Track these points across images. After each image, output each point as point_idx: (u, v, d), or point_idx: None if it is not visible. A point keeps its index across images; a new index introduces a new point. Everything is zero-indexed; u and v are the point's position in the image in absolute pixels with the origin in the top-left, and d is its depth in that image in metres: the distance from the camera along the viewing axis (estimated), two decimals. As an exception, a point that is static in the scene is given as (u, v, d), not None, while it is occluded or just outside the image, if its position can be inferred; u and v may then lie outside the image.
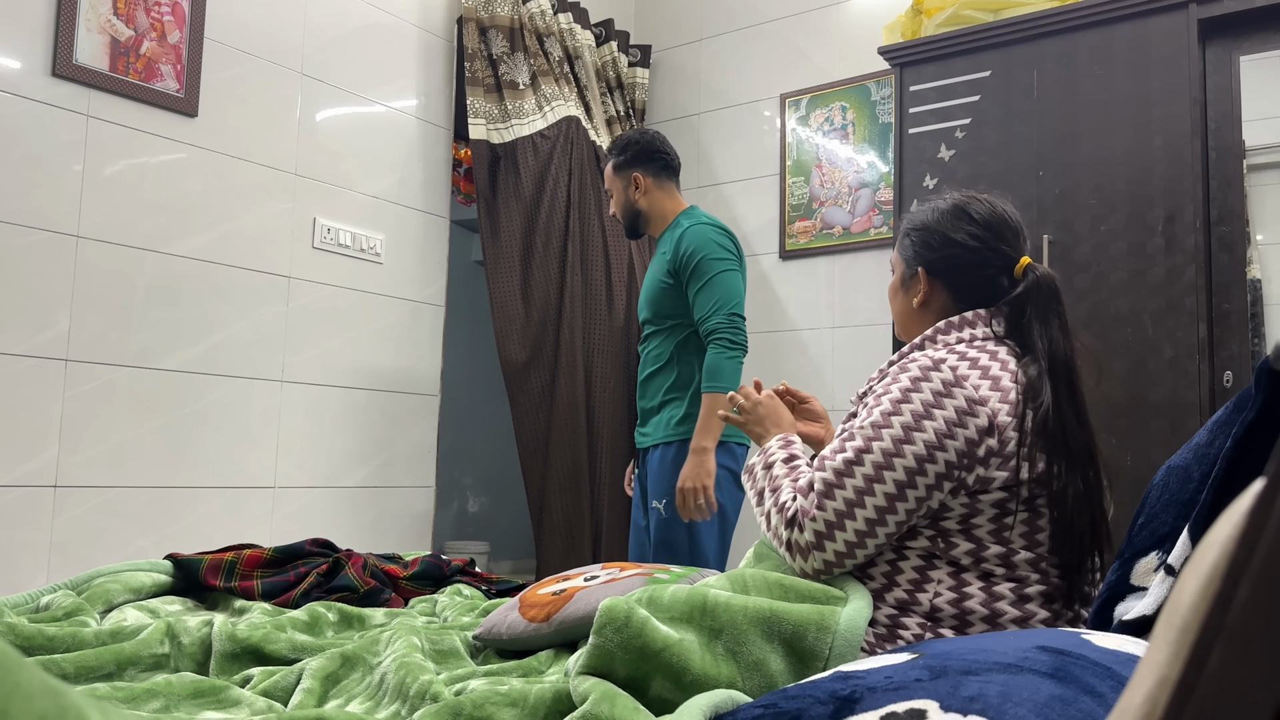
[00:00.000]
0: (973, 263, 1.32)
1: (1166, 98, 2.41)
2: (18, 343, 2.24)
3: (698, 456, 2.26)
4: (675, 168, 2.58)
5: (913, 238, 1.38)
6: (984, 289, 1.32)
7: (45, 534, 2.26)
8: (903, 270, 1.40)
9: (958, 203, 1.36)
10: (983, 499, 1.18)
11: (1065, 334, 1.26)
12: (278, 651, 1.30)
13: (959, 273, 1.33)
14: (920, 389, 1.19)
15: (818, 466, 1.22)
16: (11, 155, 2.24)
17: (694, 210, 2.53)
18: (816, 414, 1.62)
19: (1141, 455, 2.34)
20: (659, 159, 2.53)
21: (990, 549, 1.18)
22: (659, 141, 2.56)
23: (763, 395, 1.48)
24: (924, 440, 1.16)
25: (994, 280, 1.31)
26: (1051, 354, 1.23)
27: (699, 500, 2.25)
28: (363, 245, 2.99)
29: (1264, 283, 2.42)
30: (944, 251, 1.33)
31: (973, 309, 1.31)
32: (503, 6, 3.33)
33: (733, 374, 2.27)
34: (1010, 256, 1.32)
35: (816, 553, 1.18)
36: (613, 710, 0.90)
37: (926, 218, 1.38)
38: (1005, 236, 1.32)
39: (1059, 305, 1.28)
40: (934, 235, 1.35)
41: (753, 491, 1.31)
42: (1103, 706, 0.70)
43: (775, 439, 1.37)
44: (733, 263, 2.37)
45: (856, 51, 3.41)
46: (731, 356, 2.27)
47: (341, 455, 2.90)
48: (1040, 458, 1.18)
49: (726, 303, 2.31)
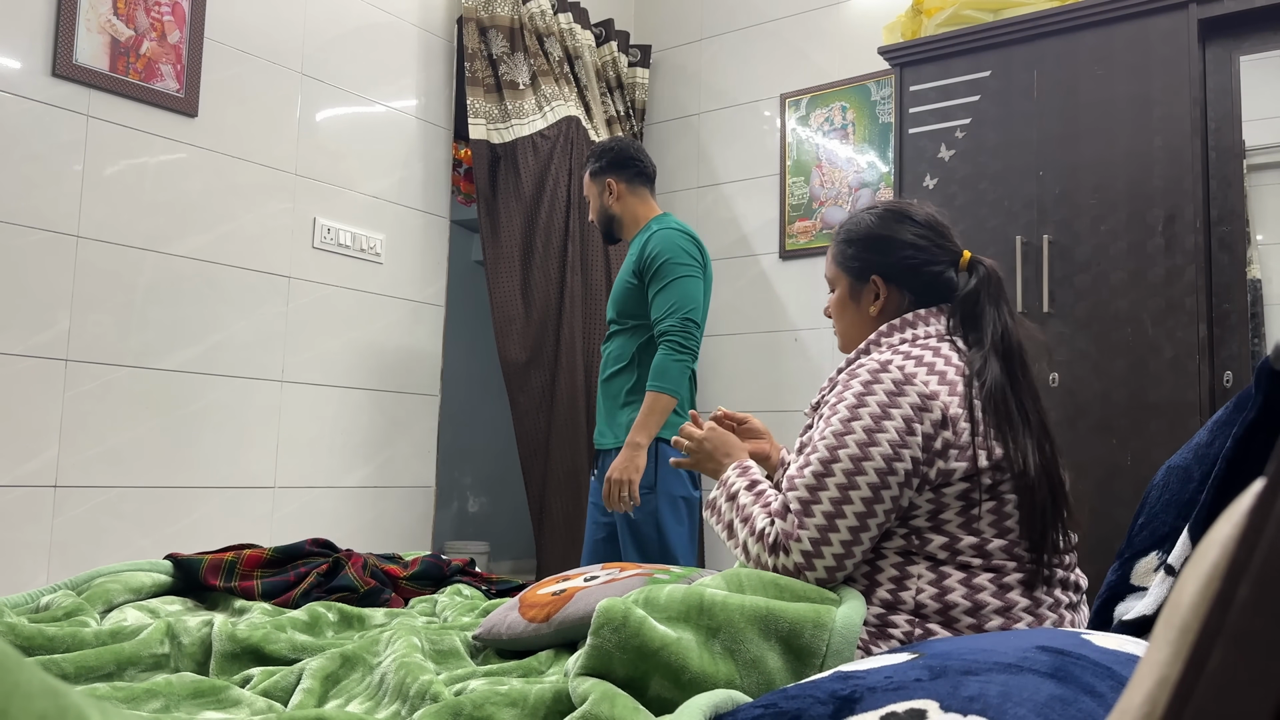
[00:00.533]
0: (925, 260, 1.35)
1: (1166, 98, 2.41)
2: (18, 343, 2.24)
3: (630, 450, 2.31)
4: (649, 174, 2.62)
5: (856, 248, 1.40)
6: (940, 285, 1.35)
7: (45, 534, 2.27)
8: (849, 283, 1.41)
9: (893, 207, 1.40)
10: (947, 492, 1.20)
11: (1014, 319, 1.31)
12: (278, 651, 1.30)
13: (914, 273, 1.36)
14: (873, 391, 1.21)
15: (788, 487, 1.23)
16: (11, 155, 2.24)
17: (666, 216, 2.57)
18: (758, 431, 1.61)
19: (1141, 455, 2.34)
20: (632, 165, 2.57)
21: (963, 540, 1.19)
22: (632, 149, 2.60)
23: (705, 429, 1.47)
24: (887, 440, 1.18)
25: (945, 275, 1.35)
26: (1005, 338, 1.28)
27: (623, 493, 2.29)
28: (363, 245, 2.99)
29: (1264, 283, 2.42)
30: (896, 255, 1.36)
31: (933, 306, 1.34)
32: (503, 6, 3.33)
33: (678, 377, 2.32)
34: (954, 251, 1.37)
35: (808, 573, 1.19)
36: (612, 710, 0.90)
37: (868, 226, 1.40)
38: (944, 233, 1.38)
39: (1005, 293, 1.34)
40: (881, 241, 1.38)
41: (720, 525, 1.31)
42: (1103, 706, 0.70)
43: (731, 469, 1.37)
44: (694, 269, 2.40)
45: (856, 51, 3.41)
46: (678, 360, 2.32)
47: (341, 455, 2.90)
48: (996, 443, 1.20)
49: (682, 307, 2.35)
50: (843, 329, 1.44)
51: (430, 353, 3.20)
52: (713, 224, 3.73)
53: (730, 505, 1.30)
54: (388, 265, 3.06)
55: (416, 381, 3.15)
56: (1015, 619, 1.17)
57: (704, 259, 2.46)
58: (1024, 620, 1.18)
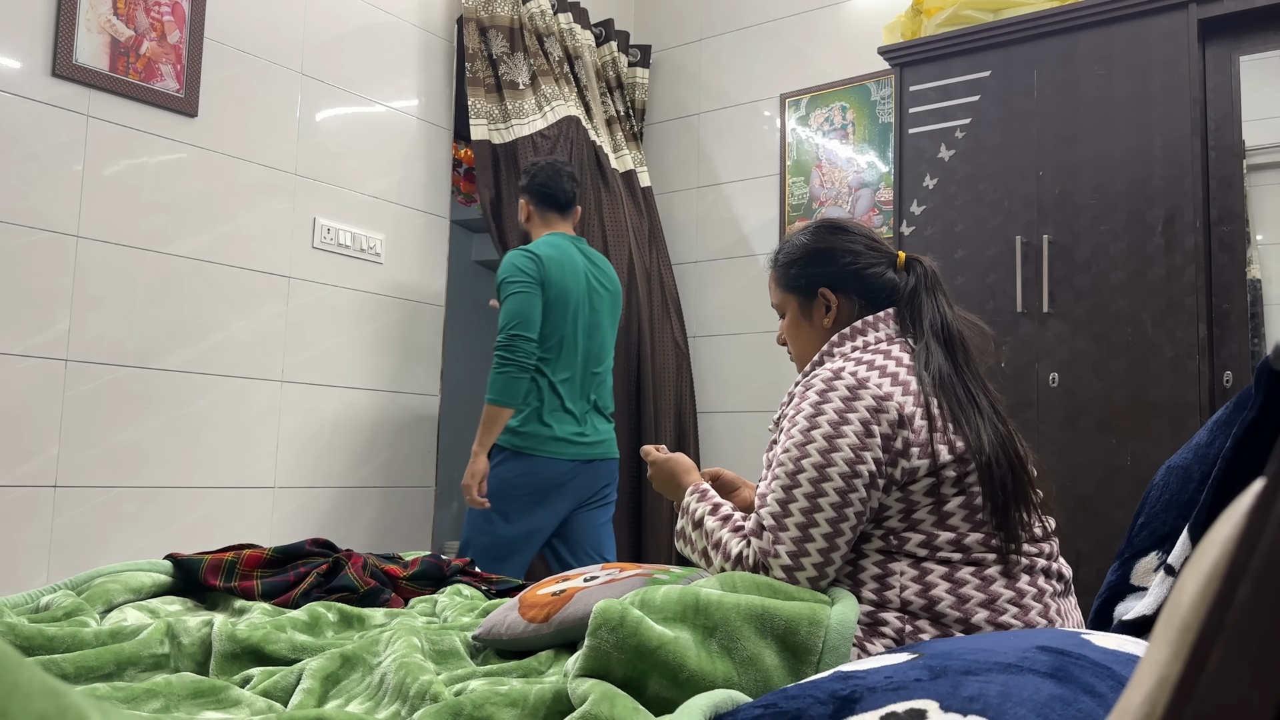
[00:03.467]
0: (867, 264, 1.39)
1: (1166, 98, 2.41)
2: (18, 343, 2.24)
3: (472, 458, 2.54)
4: (559, 202, 2.71)
5: (799, 266, 1.43)
6: (884, 287, 1.39)
7: (45, 534, 2.27)
8: (798, 302, 1.43)
9: (824, 222, 1.46)
10: (914, 489, 1.22)
11: (952, 310, 1.36)
12: (278, 651, 1.29)
13: (859, 278, 1.39)
14: (829, 399, 1.23)
15: (759, 504, 1.25)
16: (11, 155, 2.24)
17: (540, 239, 2.65)
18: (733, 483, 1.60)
19: (1141, 455, 2.34)
20: (539, 191, 2.71)
21: (940, 536, 1.21)
22: (544, 175, 2.70)
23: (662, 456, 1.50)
24: (848, 445, 1.20)
25: (887, 277, 1.39)
26: (945, 328, 1.33)
27: (467, 497, 2.54)
28: (363, 245, 2.99)
29: (1264, 283, 2.42)
30: (840, 264, 1.40)
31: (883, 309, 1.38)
32: (503, 6, 3.33)
33: (501, 387, 2.48)
34: (890, 253, 1.41)
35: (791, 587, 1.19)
36: (612, 710, 0.90)
37: (805, 244, 1.44)
38: (877, 239, 1.43)
39: (942, 286, 1.39)
40: (823, 254, 1.41)
41: (694, 553, 1.33)
42: (1103, 706, 0.70)
43: (689, 494, 1.38)
44: (524, 285, 2.51)
45: (856, 51, 3.41)
46: (500, 372, 2.48)
47: (341, 455, 2.90)
48: (955, 437, 1.22)
49: (508, 323, 2.50)
50: (799, 350, 1.45)
51: (430, 353, 3.20)
52: (712, 224, 3.73)
53: (699, 533, 1.32)
54: (388, 265, 3.06)
55: (416, 381, 3.15)
56: (1000, 610, 1.19)
57: (538, 274, 2.53)
58: (1009, 611, 1.19)
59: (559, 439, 2.54)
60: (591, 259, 2.71)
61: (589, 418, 2.63)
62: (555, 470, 2.54)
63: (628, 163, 3.68)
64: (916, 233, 2.74)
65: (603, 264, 2.76)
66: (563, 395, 2.57)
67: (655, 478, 1.49)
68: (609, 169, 3.52)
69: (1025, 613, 1.20)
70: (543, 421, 2.54)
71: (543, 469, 2.53)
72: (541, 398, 2.55)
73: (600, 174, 3.48)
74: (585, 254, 2.70)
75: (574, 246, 2.66)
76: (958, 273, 2.65)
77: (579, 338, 2.59)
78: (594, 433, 2.63)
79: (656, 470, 1.49)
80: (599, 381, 2.68)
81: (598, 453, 2.64)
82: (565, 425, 2.56)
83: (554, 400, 2.56)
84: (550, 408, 2.55)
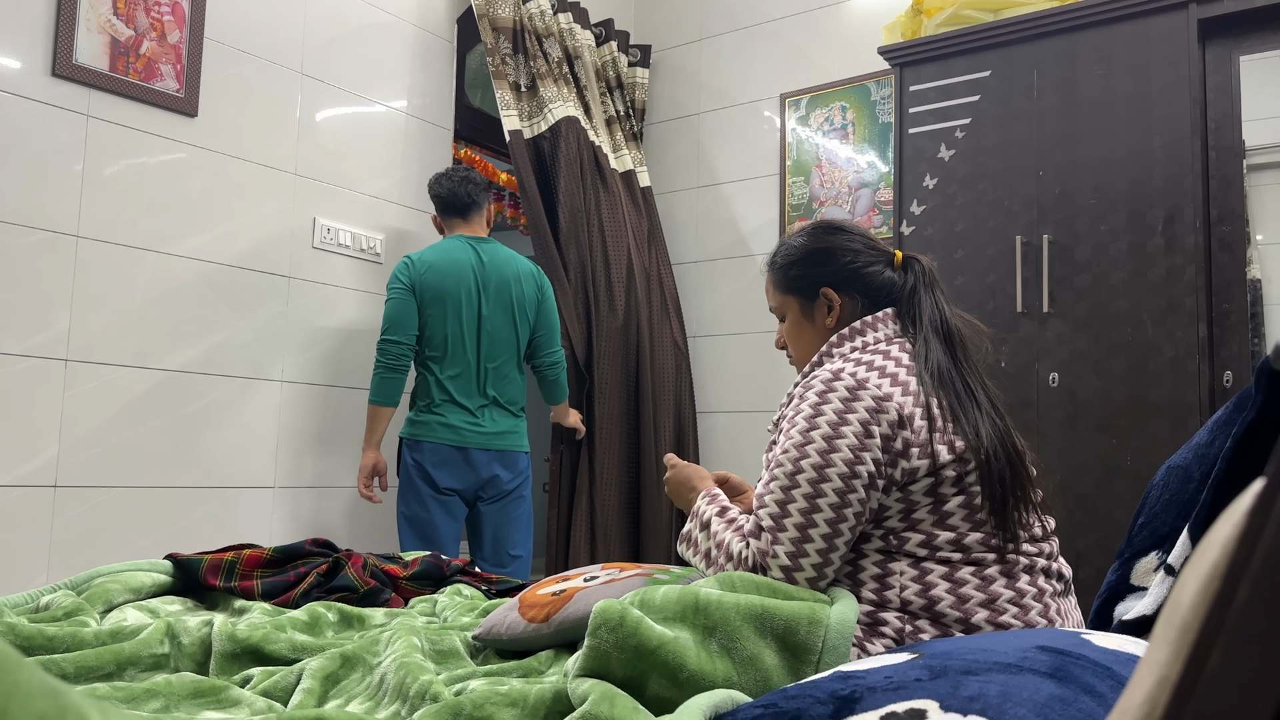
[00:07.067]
0: (867, 262, 1.40)
1: (1166, 98, 2.41)
2: (18, 343, 2.24)
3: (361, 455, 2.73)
4: (456, 207, 2.80)
5: (799, 267, 1.43)
6: (883, 286, 1.39)
7: (45, 534, 2.26)
8: (799, 303, 1.43)
9: (821, 223, 1.46)
10: (914, 489, 1.22)
11: (949, 305, 1.37)
12: (278, 651, 1.29)
13: (859, 276, 1.39)
14: (829, 400, 1.23)
15: (757, 506, 1.25)
16: (11, 155, 2.24)
17: (433, 245, 2.77)
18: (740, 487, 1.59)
19: (1141, 455, 2.34)
20: (439, 199, 2.81)
21: (940, 536, 1.21)
22: (440, 184, 2.79)
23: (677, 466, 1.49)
24: (847, 446, 1.20)
25: (885, 275, 1.39)
26: (943, 323, 1.33)
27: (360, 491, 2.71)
28: (363, 245, 2.99)
29: (1264, 283, 2.42)
30: (840, 263, 1.40)
31: (884, 308, 1.38)
32: (504, 7, 3.32)
33: (375, 387, 2.64)
34: (887, 252, 1.41)
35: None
36: (612, 710, 0.90)
37: (804, 245, 1.43)
38: (873, 236, 1.44)
39: (939, 283, 1.39)
40: (823, 254, 1.41)
41: (698, 556, 1.32)
42: (1103, 706, 0.70)
43: (700, 499, 1.38)
44: (395, 292, 2.64)
45: (856, 51, 3.41)
46: (375, 374, 2.64)
47: (341, 455, 2.90)
48: (955, 436, 1.22)
49: (383, 328, 2.65)
50: (800, 351, 1.44)
51: (430, 353, 3.20)
52: (712, 224, 3.73)
53: (705, 534, 1.31)
54: (388, 265, 3.06)
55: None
56: (1000, 610, 1.19)
57: (409, 280, 2.64)
58: (1010, 611, 1.19)
59: (450, 425, 2.64)
60: (487, 258, 2.72)
61: (487, 411, 2.69)
62: (445, 455, 2.64)
63: (627, 163, 3.68)
64: (916, 233, 2.74)
65: (505, 262, 2.75)
66: (452, 390, 2.66)
67: (669, 483, 1.49)
68: (608, 169, 3.52)
69: (1025, 612, 1.20)
70: (434, 412, 2.65)
71: (435, 454, 2.64)
72: (431, 394, 2.66)
73: (599, 174, 3.48)
74: (481, 254, 2.72)
75: (467, 247, 2.71)
76: (958, 273, 2.65)
77: (465, 335, 2.66)
78: (492, 424, 2.69)
79: (671, 476, 1.48)
80: (499, 376, 2.72)
81: (497, 444, 2.69)
82: (457, 415, 2.65)
83: (443, 394, 2.66)
84: (439, 401, 2.65)
